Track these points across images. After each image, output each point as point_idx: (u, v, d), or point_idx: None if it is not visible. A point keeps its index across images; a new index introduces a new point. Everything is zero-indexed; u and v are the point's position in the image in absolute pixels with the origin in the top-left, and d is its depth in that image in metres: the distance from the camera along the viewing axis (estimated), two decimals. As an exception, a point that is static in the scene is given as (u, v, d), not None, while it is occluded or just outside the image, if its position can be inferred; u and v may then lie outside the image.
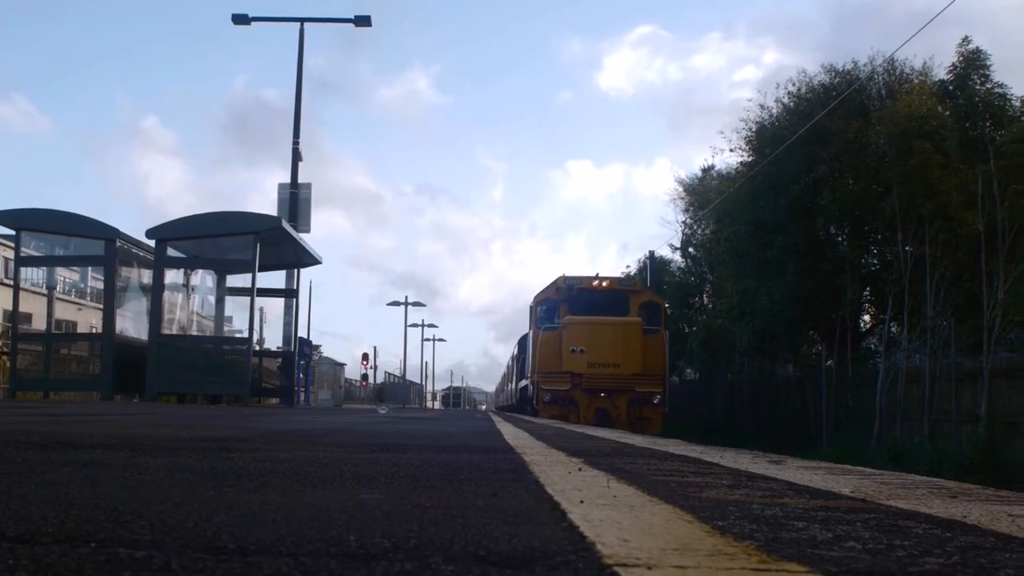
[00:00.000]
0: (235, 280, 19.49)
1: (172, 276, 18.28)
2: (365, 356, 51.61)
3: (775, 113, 28.75)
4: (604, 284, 19.40)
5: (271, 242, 17.02)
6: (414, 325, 69.12)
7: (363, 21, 22.05)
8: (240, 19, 21.71)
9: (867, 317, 30.34)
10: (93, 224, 16.47)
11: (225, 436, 4.96)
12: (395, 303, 58.33)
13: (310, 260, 19.67)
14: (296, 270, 20.20)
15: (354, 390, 57.25)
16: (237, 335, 22.14)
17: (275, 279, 20.88)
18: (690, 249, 40.44)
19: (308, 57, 21.49)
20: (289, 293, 20.44)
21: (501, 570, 1.28)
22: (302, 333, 26.29)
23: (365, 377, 52.79)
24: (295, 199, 20.77)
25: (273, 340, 25.45)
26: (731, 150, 30.61)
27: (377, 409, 21.67)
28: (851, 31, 78.54)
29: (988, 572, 1.38)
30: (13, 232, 16.88)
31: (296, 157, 21.08)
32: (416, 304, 59.63)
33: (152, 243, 16.53)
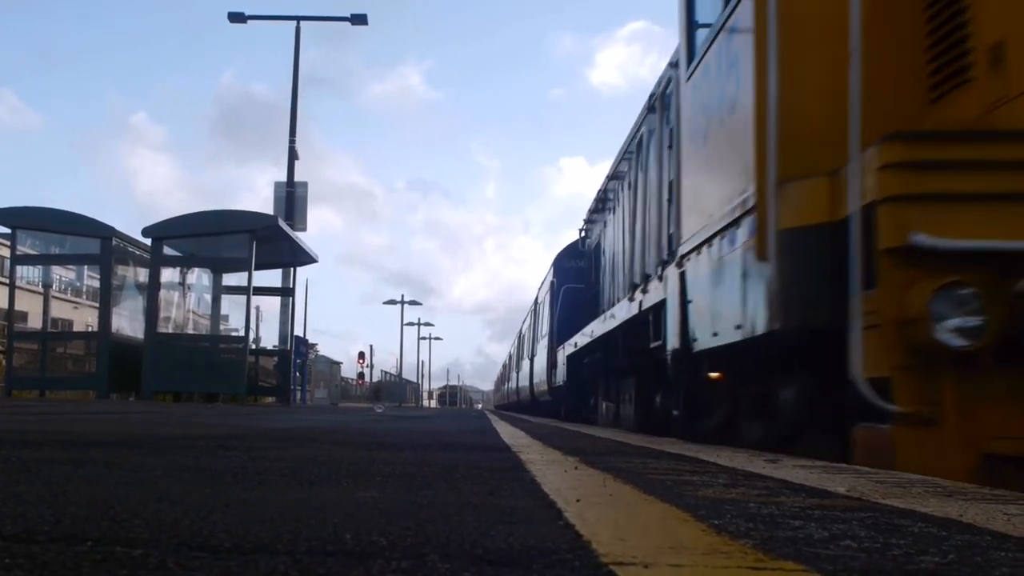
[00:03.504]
0: (231, 279, 19.48)
1: (168, 274, 18.25)
2: (361, 355, 51.65)
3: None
4: None
5: (267, 241, 17.02)
6: (410, 324, 69.21)
7: (359, 20, 22.02)
8: (236, 18, 21.64)
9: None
10: (89, 222, 16.45)
11: (221, 435, 4.95)
12: (391, 301, 58.34)
13: (306, 259, 19.65)
14: (292, 268, 20.18)
15: (350, 388, 57.29)
16: (233, 334, 22.12)
17: (271, 277, 20.87)
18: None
19: (299, 52, 21.37)
20: (285, 292, 20.41)
21: (497, 568, 1.28)
22: (298, 331, 26.24)
23: (361, 375, 52.80)
24: (291, 197, 20.73)
25: (269, 339, 25.49)
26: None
27: (373, 408, 21.68)
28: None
29: (984, 571, 1.38)
30: (9, 230, 16.85)
31: (292, 155, 21.05)
32: (412, 303, 59.65)
33: (148, 241, 16.52)
